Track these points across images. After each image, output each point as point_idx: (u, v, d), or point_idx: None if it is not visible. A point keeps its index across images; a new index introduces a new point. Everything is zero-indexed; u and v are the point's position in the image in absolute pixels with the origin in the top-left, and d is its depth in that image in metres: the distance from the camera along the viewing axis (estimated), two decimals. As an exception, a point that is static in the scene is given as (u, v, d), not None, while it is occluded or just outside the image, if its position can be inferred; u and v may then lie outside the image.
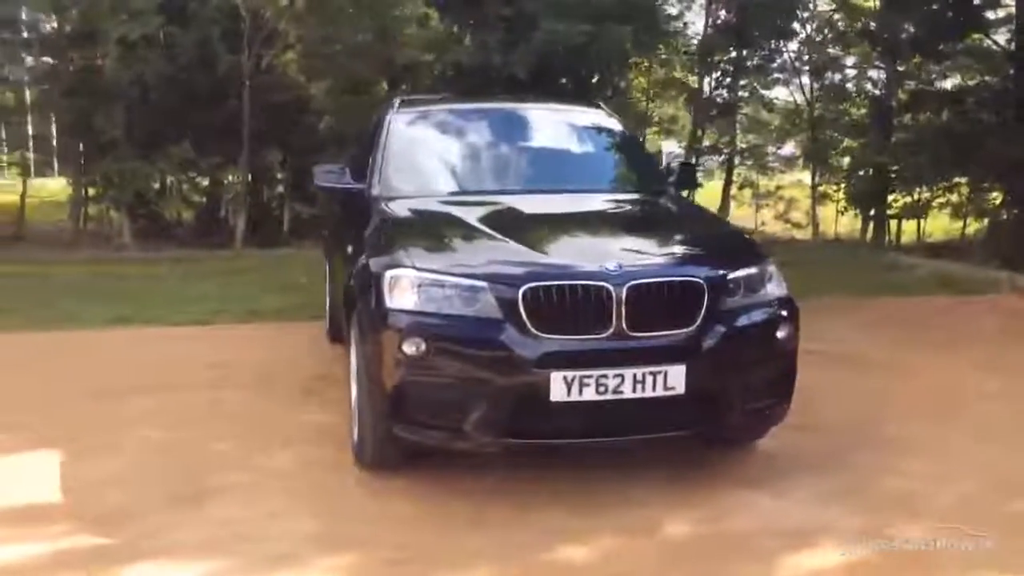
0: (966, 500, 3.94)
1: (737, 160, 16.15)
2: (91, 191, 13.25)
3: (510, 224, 4.27)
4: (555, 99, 6.16)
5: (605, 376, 3.63)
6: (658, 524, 3.68)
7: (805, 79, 15.35)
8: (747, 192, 16.70)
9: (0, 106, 13.03)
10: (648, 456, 4.27)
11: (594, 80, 14.38)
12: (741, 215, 17.35)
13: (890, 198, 13.95)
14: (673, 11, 14.41)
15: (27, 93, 13.18)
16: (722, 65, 15.03)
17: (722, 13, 14.67)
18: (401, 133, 5.17)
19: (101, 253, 12.21)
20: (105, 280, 10.06)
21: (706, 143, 16.57)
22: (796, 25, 14.37)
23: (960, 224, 14.08)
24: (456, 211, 4.36)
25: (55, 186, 14.00)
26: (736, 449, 4.50)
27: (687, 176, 5.46)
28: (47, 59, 12.74)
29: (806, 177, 16.51)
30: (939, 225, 14.66)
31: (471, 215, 4.27)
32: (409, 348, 3.69)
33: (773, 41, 14.49)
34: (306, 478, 4.18)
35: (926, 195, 13.58)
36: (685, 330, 3.76)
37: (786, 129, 15.68)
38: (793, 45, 14.84)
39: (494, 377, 3.67)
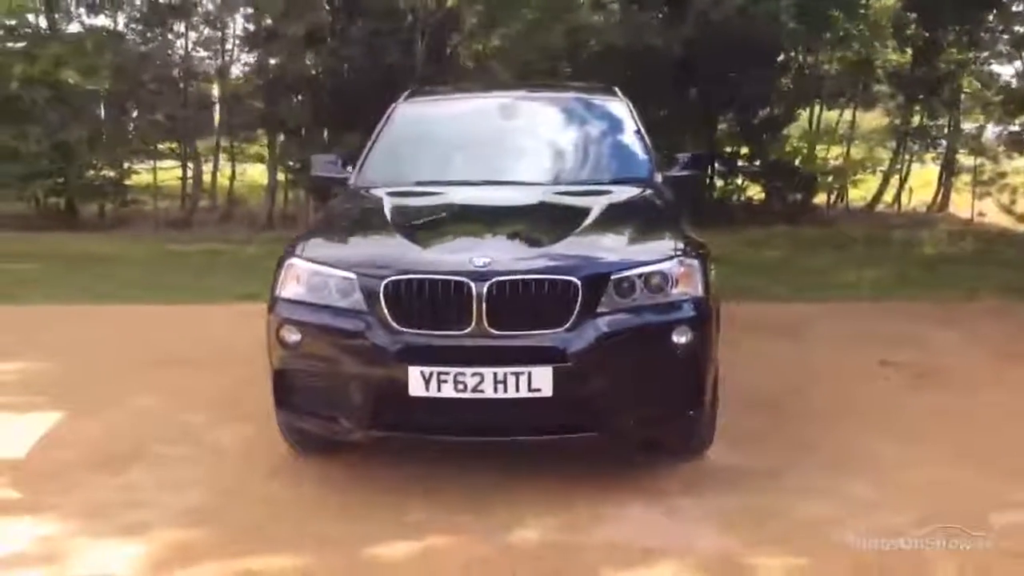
0: (873, 534, 3.49)
1: (945, 143, 14.66)
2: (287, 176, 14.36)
3: (421, 217, 4.28)
4: (574, 88, 5.95)
5: (463, 374, 3.57)
6: (510, 528, 3.59)
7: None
8: (965, 179, 15.13)
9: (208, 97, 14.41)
10: (560, 456, 4.14)
11: (779, 59, 13.65)
12: (960, 204, 15.78)
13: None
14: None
15: (216, 86, 14.48)
16: (920, 40, 13.67)
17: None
18: (395, 124, 5.25)
19: (288, 233, 13.23)
20: (268, 259, 10.91)
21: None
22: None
23: None
24: (388, 202, 4.39)
25: (256, 171, 15.33)
26: (681, 459, 4.23)
27: (694, 165, 5.15)
28: (249, 54, 14.03)
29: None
30: None
31: (393, 207, 4.30)
32: (286, 336, 3.83)
33: (976, 13, 12.97)
34: (239, 455, 4.41)
35: None
36: (554, 331, 3.61)
37: (1007, 109, 13.98)
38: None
39: (358, 369, 3.73)
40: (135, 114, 14.41)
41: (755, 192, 14.33)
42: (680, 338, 3.71)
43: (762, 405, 5.06)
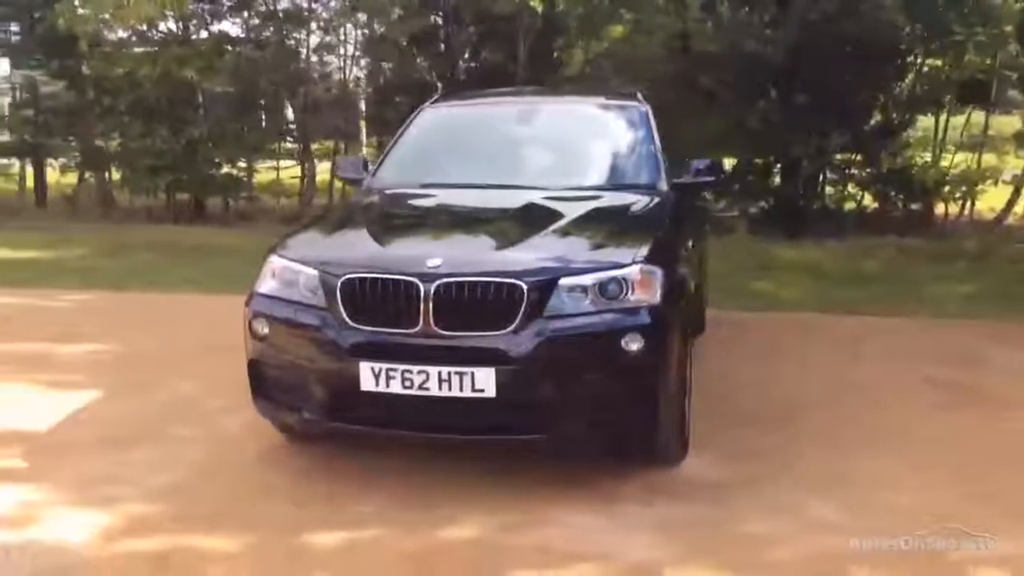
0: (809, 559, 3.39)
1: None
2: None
3: (401, 219, 4.40)
4: (597, 93, 5.92)
5: (410, 371, 3.68)
6: (448, 524, 3.66)
7: None
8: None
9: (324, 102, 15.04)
10: (535, 458, 4.17)
11: (896, 63, 13.02)
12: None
13: None
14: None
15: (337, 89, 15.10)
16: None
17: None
18: (415, 128, 5.42)
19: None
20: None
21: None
22: None
23: None
24: (380, 203, 4.58)
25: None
26: (652, 468, 4.19)
27: (708, 172, 5.05)
28: (363, 58, 14.57)
29: None
30: None
31: (382, 208, 4.47)
32: (258, 328, 4.03)
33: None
34: (237, 440, 4.62)
35: None
36: (498, 332, 3.66)
37: None
38: None
39: (316, 362, 3.88)
40: (257, 115, 15.14)
41: (868, 201, 13.73)
42: (631, 345, 3.69)
43: (777, 418, 4.95)
